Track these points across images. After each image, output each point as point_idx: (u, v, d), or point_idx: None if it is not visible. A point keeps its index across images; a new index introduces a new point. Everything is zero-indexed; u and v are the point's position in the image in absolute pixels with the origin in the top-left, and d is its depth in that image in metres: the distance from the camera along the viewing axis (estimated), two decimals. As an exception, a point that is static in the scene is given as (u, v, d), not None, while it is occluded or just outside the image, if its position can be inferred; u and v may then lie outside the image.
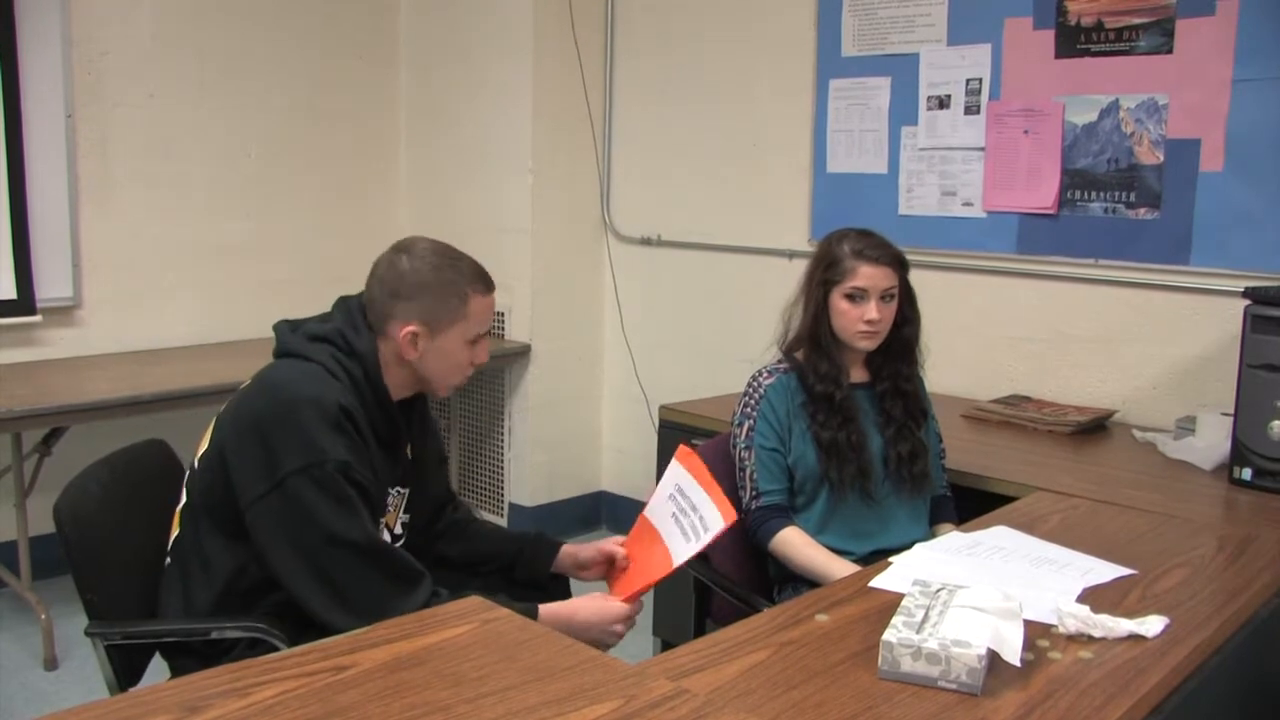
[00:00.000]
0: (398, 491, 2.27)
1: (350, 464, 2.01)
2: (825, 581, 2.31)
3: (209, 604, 2.12)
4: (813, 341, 2.62)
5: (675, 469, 2.34)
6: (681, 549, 2.25)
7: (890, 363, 2.67)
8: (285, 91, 4.89)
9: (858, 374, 2.68)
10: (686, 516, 2.28)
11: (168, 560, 2.20)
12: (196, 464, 2.18)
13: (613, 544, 2.42)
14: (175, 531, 2.19)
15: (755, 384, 2.66)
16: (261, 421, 2.03)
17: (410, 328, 2.13)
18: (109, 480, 2.28)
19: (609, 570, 2.44)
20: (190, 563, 2.15)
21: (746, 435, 2.62)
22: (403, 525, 2.32)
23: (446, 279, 2.15)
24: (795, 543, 2.52)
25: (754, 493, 2.59)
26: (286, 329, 2.19)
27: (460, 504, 2.54)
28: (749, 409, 2.64)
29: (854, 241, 2.60)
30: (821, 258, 2.64)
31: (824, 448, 2.57)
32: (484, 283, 2.20)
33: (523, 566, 2.43)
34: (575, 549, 2.44)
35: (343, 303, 2.22)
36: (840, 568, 2.41)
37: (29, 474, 3.86)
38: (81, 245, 4.35)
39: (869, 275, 2.55)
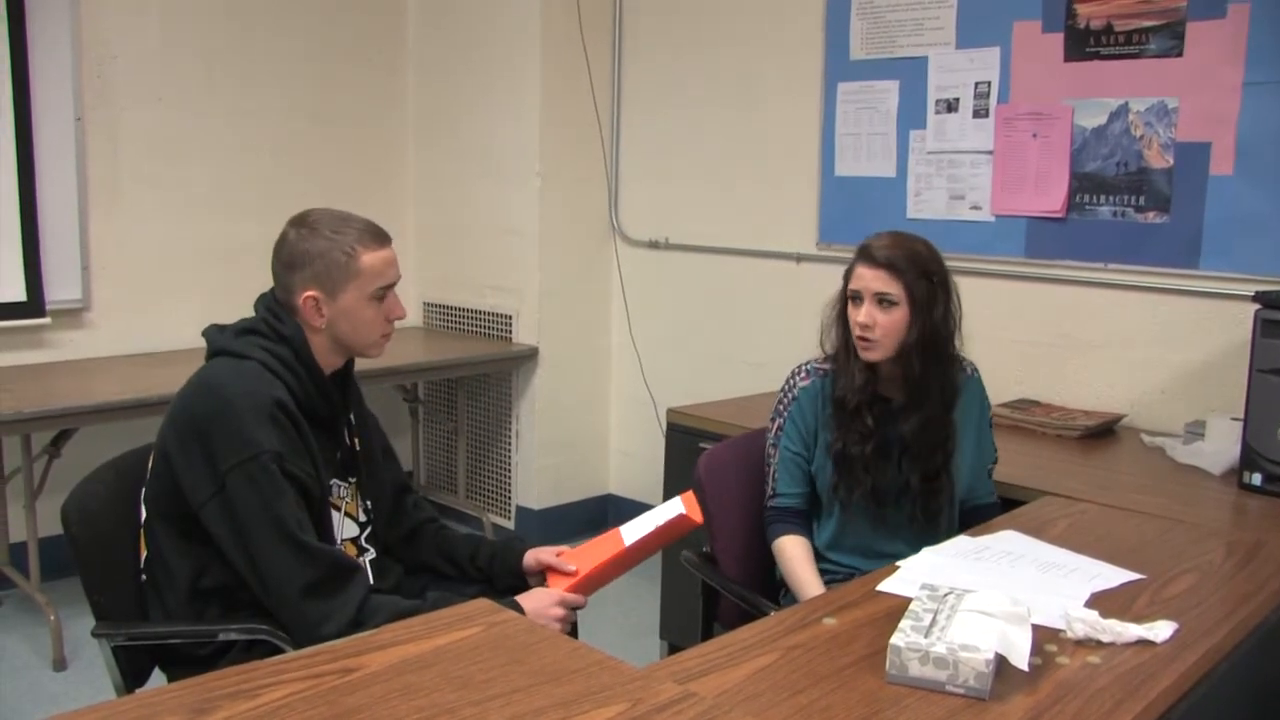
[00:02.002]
0: (348, 483, 2.32)
1: (283, 455, 2.06)
2: (799, 600, 2.31)
3: (181, 610, 2.15)
4: (838, 346, 2.53)
5: (673, 504, 2.35)
6: (634, 532, 2.30)
7: (922, 381, 2.47)
8: (293, 94, 4.90)
9: (894, 389, 2.52)
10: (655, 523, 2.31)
11: (143, 578, 2.23)
12: (148, 474, 2.21)
13: (550, 554, 2.41)
14: (144, 551, 2.22)
15: (791, 383, 2.61)
16: (199, 421, 2.08)
17: (309, 293, 2.18)
18: (115, 483, 2.30)
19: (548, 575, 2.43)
20: (159, 574, 2.19)
21: (775, 434, 2.60)
22: (365, 511, 2.36)
23: (332, 241, 2.17)
24: (786, 554, 2.51)
25: (771, 491, 2.58)
26: (215, 331, 2.24)
27: (422, 501, 2.59)
28: (781, 407, 2.60)
29: (870, 240, 2.48)
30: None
31: (835, 462, 2.51)
32: (374, 238, 2.21)
33: (500, 572, 2.45)
34: (534, 553, 2.44)
35: (262, 297, 2.27)
36: (813, 593, 2.37)
37: (38, 475, 3.87)
38: (91, 248, 4.36)
39: (861, 276, 2.44)
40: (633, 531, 2.34)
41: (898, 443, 2.50)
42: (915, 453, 2.48)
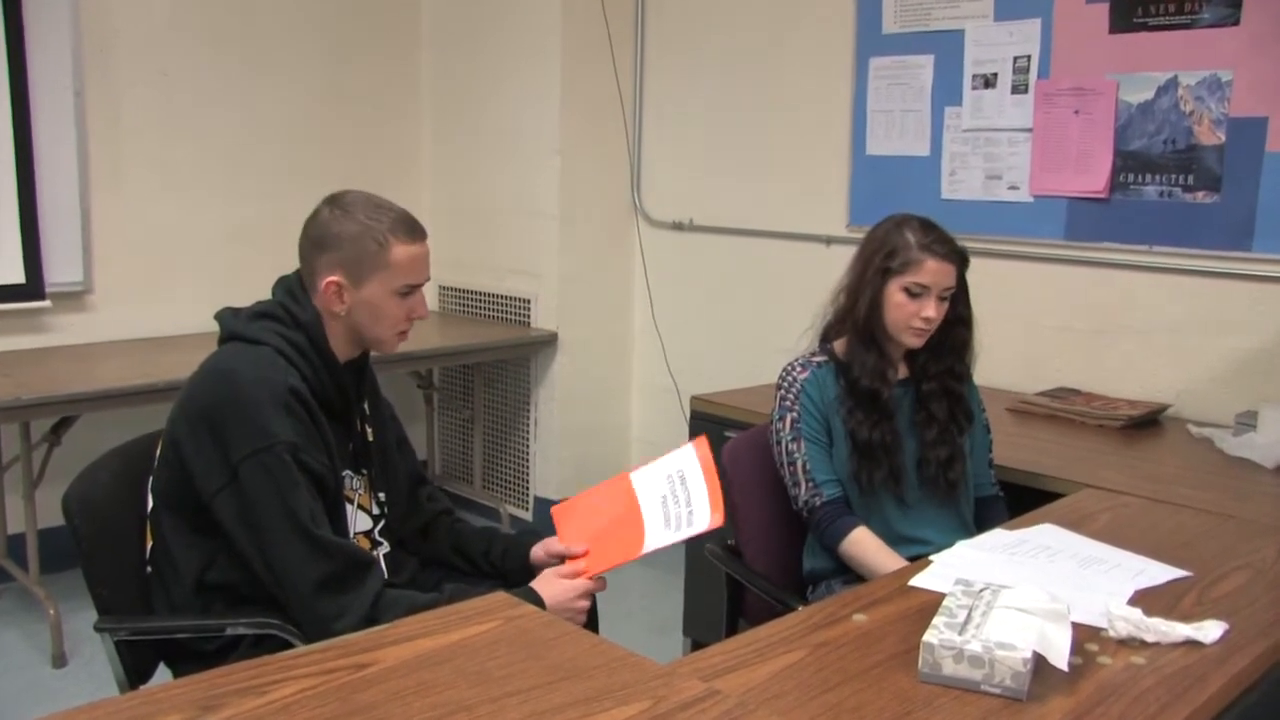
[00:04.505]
0: (361, 475, 2.33)
1: (298, 445, 2.07)
2: None
3: (186, 604, 2.17)
4: (863, 333, 2.58)
5: (686, 454, 2.33)
6: (657, 536, 2.26)
7: (939, 361, 2.63)
8: (304, 70, 4.91)
9: (899, 370, 2.65)
10: (676, 505, 2.28)
11: (149, 569, 2.25)
12: (156, 463, 2.22)
13: (557, 544, 2.40)
14: (150, 542, 2.24)
15: (790, 378, 2.64)
16: (210, 410, 2.09)
17: (332, 278, 2.18)
18: (121, 471, 2.31)
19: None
20: (164, 566, 2.20)
21: (792, 427, 2.60)
22: (378, 504, 2.37)
23: (366, 227, 2.17)
24: (869, 546, 2.49)
25: (813, 487, 2.56)
26: (229, 314, 2.24)
27: (437, 493, 2.60)
28: (788, 401, 2.62)
29: (919, 233, 2.53)
30: (881, 244, 2.57)
31: (858, 447, 2.55)
32: (408, 231, 2.20)
33: (514, 568, 2.45)
34: (543, 545, 2.44)
35: (282, 280, 2.27)
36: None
37: (38, 464, 3.89)
38: (92, 228, 4.39)
39: (934, 271, 2.51)
40: (643, 480, 2.32)
41: (916, 417, 2.62)
42: (943, 425, 2.61)
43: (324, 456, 2.14)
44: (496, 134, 5.05)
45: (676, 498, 2.28)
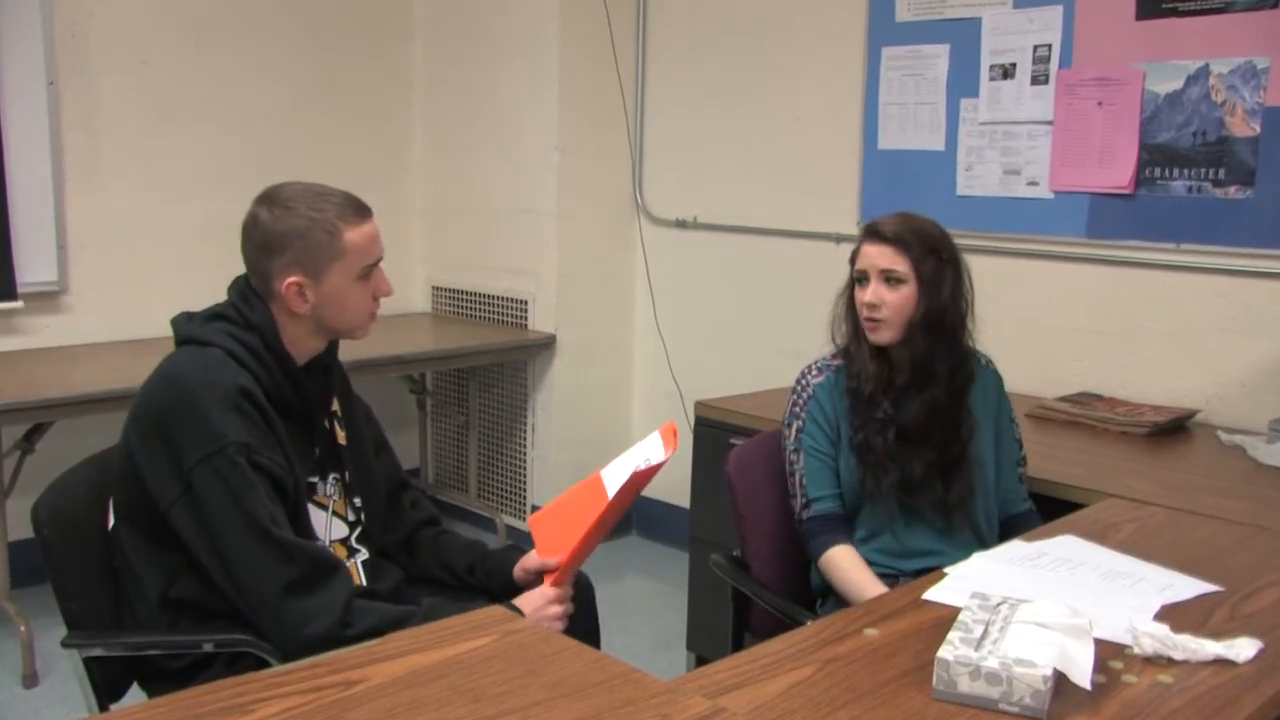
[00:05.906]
0: (334, 479, 2.34)
1: (250, 445, 2.07)
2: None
3: (152, 622, 2.17)
4: (850, 335, 2.63)
5: (653, 440, 2.35)
6: (615, 477, 2.32)
7: (922, 359, 2.58)
8: (291, 60, 4.92)
9: (905, 375, 2.62)
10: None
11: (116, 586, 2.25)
12: (114, 477, 2.23)
13: (534, 558, 2.43)
14: (116, 559, 2.24)
15: (804, 382, 2.66)
16: (161, 415, 2.10)
17: (292, 280, 2.19)
18: (95, 479, 2.31)
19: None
20: (128, 583, 2.21)
21: (796, 437, 2.62)
22: (354, 510, 2.38)
23: (311, 219, 2.18)
24: (838, 565, 2.52)
25: (804, 500, 2.60)
26: (184, 319, 2.26)
27: (421, 500, 2.61)
28: (797, 409, 2.64)
29: (876, 219, 2.59)
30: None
31: (859, 454, 2.57)
32: (355, 212, 2.22)
33: (500, 586, 2.45)
34: (522, 564, 2.46)
35: (235, 281, 2.29)
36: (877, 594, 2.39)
37: (9, 473, 3.89)
38: (67, 225, 4.38)
39: (866, 255, 2.55)
40: (614, 476, 2.35)
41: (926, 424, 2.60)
42: (927, 439, 2.56)
43: (280, 456, 2.14)
44: (492, 128, 5.05)
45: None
